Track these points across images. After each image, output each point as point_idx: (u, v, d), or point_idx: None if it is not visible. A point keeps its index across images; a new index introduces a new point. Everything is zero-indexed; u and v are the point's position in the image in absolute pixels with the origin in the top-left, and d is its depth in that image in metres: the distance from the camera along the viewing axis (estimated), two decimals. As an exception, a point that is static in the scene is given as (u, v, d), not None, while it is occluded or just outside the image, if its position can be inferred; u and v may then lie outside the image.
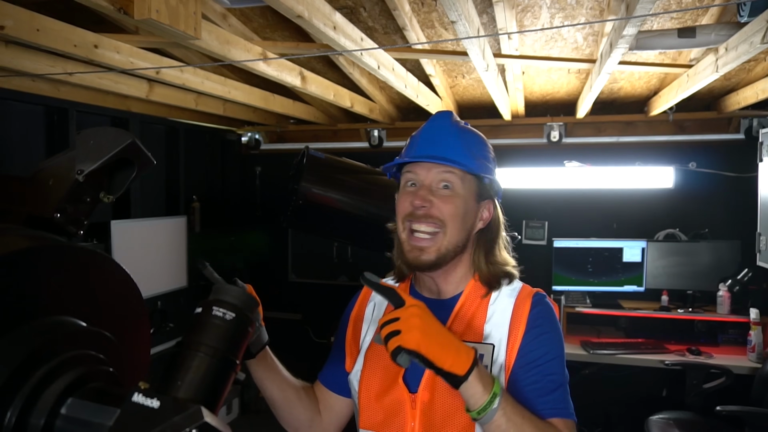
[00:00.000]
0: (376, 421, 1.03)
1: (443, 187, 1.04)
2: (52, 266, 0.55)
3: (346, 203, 2.56)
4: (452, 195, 1.04)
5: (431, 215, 1.02)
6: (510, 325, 1.02)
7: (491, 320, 1.04)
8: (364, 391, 1.06)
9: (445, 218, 1.02)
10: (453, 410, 0.98)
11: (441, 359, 0.85)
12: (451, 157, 1.03)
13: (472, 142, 1.09)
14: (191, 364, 0.51)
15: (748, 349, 2.98)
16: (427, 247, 1.02)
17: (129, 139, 0.66)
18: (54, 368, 0.50)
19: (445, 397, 0.99)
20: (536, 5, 2.40)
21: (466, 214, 1.04)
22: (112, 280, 0.62)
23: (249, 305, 0.55)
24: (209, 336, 0.52)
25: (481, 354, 1.00)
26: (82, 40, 1.89)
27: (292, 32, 2.70)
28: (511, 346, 1.01)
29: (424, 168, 1.04)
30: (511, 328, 1.02)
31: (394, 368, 1.02)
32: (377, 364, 1.06)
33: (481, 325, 1.03)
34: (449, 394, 0.98)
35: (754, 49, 1.80)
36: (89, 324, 0.57)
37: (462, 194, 1.04)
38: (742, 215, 3.26)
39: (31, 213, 0.62)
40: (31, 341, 0.50)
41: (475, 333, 1.03)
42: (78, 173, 0.64)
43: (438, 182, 1.04)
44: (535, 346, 1.00)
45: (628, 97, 3.49)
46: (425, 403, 1.00)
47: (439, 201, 1.02)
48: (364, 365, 1.08)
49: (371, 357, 1.08)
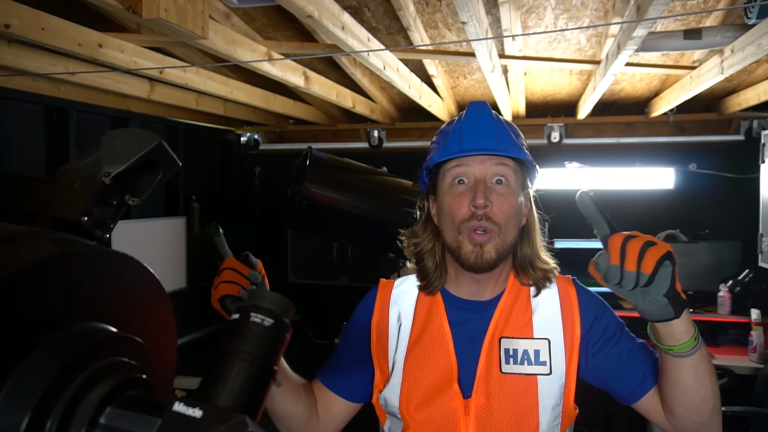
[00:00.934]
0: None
1: (497, 182, 0.98)
2: (84, 271, 0.54)
3: (349, 204, 2.55)
4: (509, 192, 0.98)
5: (491, 217, 0.96)
6: (562, 317, 1.01)
7: (538, 313, 1.02)
8: (408, 404, 0.99)
9: (502, 220, 0.97)
10: (509, 410, 0.95)
11: None
12: (504, 147, 0.98)
13: (513, 129, 1.04)
14: (231, 372, 0.49)
15: (750, 349, 2.99)
16: (487, 246, 0.96)
17: (156, 141, 0.65)
18: (91, 376, 0.49)
19: (505, 403, 0.96)
20: (541, 6, 2.40)
21: (518, 211, 1.01)
22: (141, 284, 0.61)
23: (287, 310, 0.54)
24: (248, 343, 0.51)
25: (536, 350, 0.98)
26: (87, 39, 1.87)
27: (294, 32, 2.69)
28: (570, 337, 0.99)
29: (477, 161, 0.97)
30: (565, 320, 1.00)
31: (443, 375, 0.99)
32: (420, 374, 1.00)
33: (529, 321, 1.01)
34: (509, 400, 0.96)
35: (762, 51, 1.81)
36: (120, 329, 0.56)
37: (516, 189, 1.00)
38: (742, 216, 3.28)
39: (58, 216, 0.61)
40: (67, 349, 0.48)
41: (522, 329, 1.00)
42: (105, 175, 0.63)
43: (492, 176, 0.98)
44: (605, 322, 1.01)
45: (629, 99, 3.50)
46: (480, 408, 0.96)
47: (497, 200, 0.97)
48: (403, 378, 1.01)
49: (411, 367, 1.02)
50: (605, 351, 1.00)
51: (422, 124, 3.99)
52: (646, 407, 0.98)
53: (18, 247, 0.48)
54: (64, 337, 0.49)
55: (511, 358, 0.98)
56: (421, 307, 1.07)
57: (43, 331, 0.49)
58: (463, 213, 0.97)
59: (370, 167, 2.78)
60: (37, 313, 0.49)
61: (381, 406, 1.06)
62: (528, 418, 0.95)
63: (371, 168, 2.78)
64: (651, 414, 0.97)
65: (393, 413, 1.03)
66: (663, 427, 0.97)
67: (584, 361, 1.00)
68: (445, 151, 1.01)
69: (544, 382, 0.97)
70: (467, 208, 0.97)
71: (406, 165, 3.10)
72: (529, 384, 0.96)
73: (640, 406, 0.99)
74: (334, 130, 4.19)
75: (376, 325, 1.09)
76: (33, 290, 0.48)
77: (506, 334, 1.00)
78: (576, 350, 0.99)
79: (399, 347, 1.04)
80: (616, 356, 0.99)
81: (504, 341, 0.99)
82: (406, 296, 1.10)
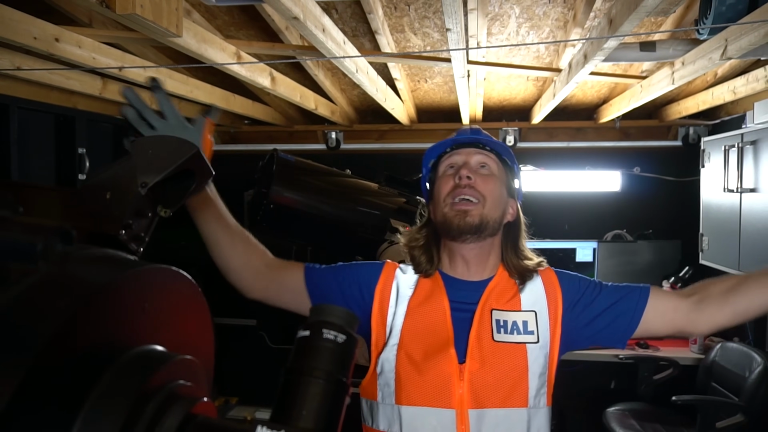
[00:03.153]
0: (420, 395, 1.03)
1: (481, 167, 1.15)
2: (144, 292, 0.51)
3: (316, 207, 2.53)
4: (490, 174, 1.14)
5: (474, 187, 1.11)
6: (546, 293, 1.13)
7: (525, 292, 1.12)
8: (405, 366, 1.05)
9: (485, 193, 1.11)
10: (501, 375, 1.04)
11: None
12: (490, 144, 1.17)
13: (505, 146, 1.23)
14: (310, 391, 0.48)
15: (690, 341, 3.20)
16: (470, 210, 1.09)
17: (194, 150, 0.62)
18: (161, 404, 0.46)
19: (498, 369, 1.04)
20: (505, 14, 2.47)
21: (501, 196, 1.15)
22: (188, 299, 0.58)
23: (354, 324, 0.53)
24: (322, 360, 0.50)
25: (524, 320, 1.08)
26: (43, 32, 1.75)
27: (258, 31, 2.63)
28: (553, 310, 1.11)
29: (464, 153, 1.15)
30: (548, 296, 1.12)
31: (440, 340, 1.06)
32: (419, 337, 1.08)
33: (517, 296, 1.11)
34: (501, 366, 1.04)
35: (713, 65, 1.94)
36: (173, 347, 0.53)
37: (498, 176, 1.16)
38: (682, 217, 3.50)
39: (95, 230, 0.57)
40: (135, 378, 0.46)
41: (511, 304, 1.11)
42: (141, 186, 0.59)
43: (478, 164, 1.15)
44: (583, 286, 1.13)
45: (579, 105, 3.66)
46: (474, 373, 1.03)
47: (480, 179, 1.12)
48: (401, 341, 1.08)
49: (410, 329, 1.09)
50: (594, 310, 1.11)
51: (380, 127, 4.00)
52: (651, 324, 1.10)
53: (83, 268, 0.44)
54: (129, 365, 0.46)
55: (502, 328, 1.08)
56: (423, 284, 1.16)
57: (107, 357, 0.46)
58: (449, 187, 1.13)
59: (336, 170, 2.76)
60: (100, 338, 0.45)
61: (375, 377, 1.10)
62: (519, 383, 1.04)
63: (337, 170, 2.76)
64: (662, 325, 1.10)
65: (387, 381, 1.07)
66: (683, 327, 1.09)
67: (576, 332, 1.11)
68: (438, 147, 1.20)
69: (532, 349, 1.07)
70: (453, 182, 1.13)
71: (365, 167, 3.12)
72: (519, 351, 1.06)
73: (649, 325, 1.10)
74: (290, 131, 4.12)
75: (380, 292, 1.15)
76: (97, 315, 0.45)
77: (496, 306, 1.11)
78: (559, 323, 1.10)
79: (398, 312, 1.12)
80: (606, 305, 1.11)
81: (495, 313, 1.10)
82: (407, 277, 1.19)
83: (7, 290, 0.40)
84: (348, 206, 2.61)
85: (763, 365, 2.52)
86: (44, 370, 0.39)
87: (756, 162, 2.44)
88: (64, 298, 0.41)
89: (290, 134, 4.16)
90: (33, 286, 0.41)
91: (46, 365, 0.40)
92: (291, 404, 0.48)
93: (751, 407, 2.47)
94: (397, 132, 3.98)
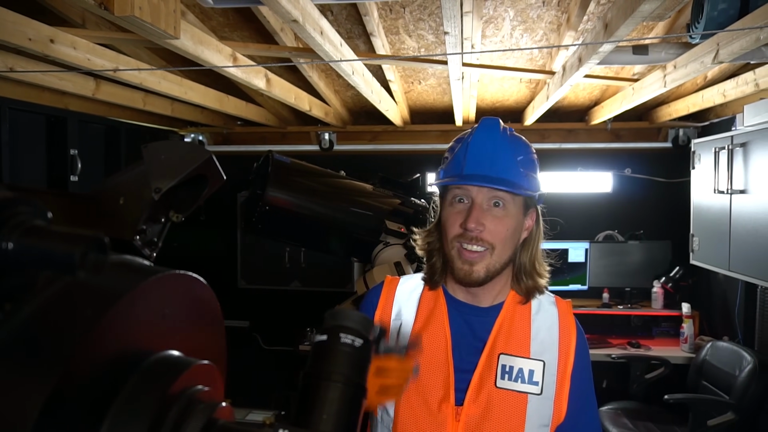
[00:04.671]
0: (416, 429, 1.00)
1: (494, 204, 1.01)
2: (163, 298, 0.51)
3: (312, 209, 2.52)
4: (504, 215, 1.01)
5: (482, 239, 1.00)
6: (559, 343, 1.05)
7: (537, 338, 1.04)
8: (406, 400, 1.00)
9: (495, 241, 1.01)
10: (498, 424, 0.98)
11: None
12: (503, 176, 1.00)
13: (521, 153, 1.07)
14: (329, 395, 0.49)
15: (681, 340, 3.25)
16: (477, 262, 1.00)
17: (207, 155, 0.62)
18: (183, 411, 0.47)
19: (496, 416, 0.98)
20: (499, 17, 2.49)
21: (515, 231, 1.04)
22: (204, 305, 0.59)
23: (370, 329, 0.54)
24: (341, 364, 0.50)
25: (531, 370, 1.01)
26: (38, 33, 1.73)
27: (252, 32, 2.62)
28: (563, 364, 1.03)
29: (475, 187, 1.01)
30: (561, 346, 1.05)
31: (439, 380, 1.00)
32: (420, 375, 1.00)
33: (527, 341, 1.04)
34: (500, 414, 0.98)
35: (705, 68, 1.97)
36: (190, 352, 0.54)
37: (513, 213, 1.03)
38: (672, 217, 3.55)
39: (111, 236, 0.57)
40: (158, 385, 0.46)
41: (520, 348, 1.03)
42: (155, 191, 0.59)
43: (489, 200, 1.01)
44: (583, 402, 1.05)
45: (572, 107, 3.69)
46: (471, 417, 0.98)
47: (491, 223, 1.00)
48: None
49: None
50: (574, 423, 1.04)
51: (373, 128, 4.00)
52: None
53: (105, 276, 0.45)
54: (151, 372, 0.47)
55: (507, 374, 1.01)
56: (425, 305, 1.08)
57: (130, 364, 0.46)
58: (455, 230, 1.02)
59: (330, 171, 2.76)
60: (125, 344, 0.46)
61: None
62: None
63: (332, 172, 2.76)
64: None
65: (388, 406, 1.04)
66: None
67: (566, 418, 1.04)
68: (447, 172, 1.06)
69: (533, 401, 1.00)
70: (459, 227, 1.01)
71: (358, 168, 3.12)
72: (520, 401, 1.00)
73: None
74: (283, 132, 4.11)
75: (378, 322, 1.06)
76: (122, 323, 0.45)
77: (506, 350, 1.03)
78: (568, 377, 1.03)
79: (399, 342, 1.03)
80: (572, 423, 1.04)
81: (503, 357, 1.02)
82: (410, 294, 1.11)
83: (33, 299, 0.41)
84: (343, 208, 2.60)
85: (753, 364, 2.56)
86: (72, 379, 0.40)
87: (745, 164, 2.48)
88: (90, 306, 0.42)
89: (283, 135, 4.15)
90: (59, 295, 0.41)
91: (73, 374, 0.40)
92: (311, 408, 0.48)
93: (741, 405, 2.51)
94: (390, 133, 3.99)
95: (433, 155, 3.94)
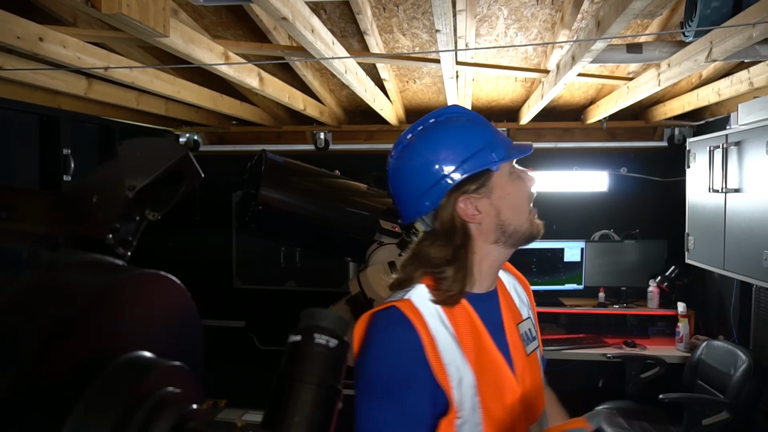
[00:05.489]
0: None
1: None
2: (131, 298, 0.50)
3: (306, 208, 2.51)
4: None
5: None
6: (529, 301, 1.17)
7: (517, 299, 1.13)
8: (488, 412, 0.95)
9: None
10: (540, 393, 1.06)
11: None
12: None
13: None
14: (301, 397, 0.48)
15: (677, 339, 3.24)
16: None
17: (182, 152, 0.61)
18: (149, 413, 0.46)
19: (535, 382, 1.05)
20: (493, 16, 2.48)
21: None
22: (178, 305, 0.58)
23: (346, 329, 0.53)
24: (314, 365, 0.49)
25: (528, 328, 1.09)
26: (27, 31, 1.72)
27: (246, 31, 2.61)
28: (536, 320, 1.16)
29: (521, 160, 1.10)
30: (531, 304, 1.17)
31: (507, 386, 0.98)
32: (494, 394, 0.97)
33: (515, 306, 1.11)
34: (536, 378, 1.06)
35: (698, 67, 1.96)
36: (162, 353, 0.53)
37: None
38: (668, 217, 3.54)
39: (82, 233, 0.56)
40: (123, 386, 0.45)
41: (518, 312, 1.11)
42: (129, 189, 0.58)
43: None
44: None
45: (567, 106, 3.69)
46: (526, 393, 1.02)
47: None
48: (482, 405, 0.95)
49: (484, 378, 0.95)
50: None
51: (368, 127, 3.99)
52: None
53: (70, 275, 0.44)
54: (117, 372, 0.45)
55: (525, 340, 1.08)
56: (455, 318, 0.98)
57: (95, 364, 0.45)
58: (529, 196, 1.08)
59: (325, 170, 2.74)
60: (90, 346, 0.45)
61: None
62: (542, 391, 1.07)
63: (326, 171, 2.74)
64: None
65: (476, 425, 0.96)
66: None
67: None
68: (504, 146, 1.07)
69: (538, 352, 1.11)
70: (528, 190, 1.07)
71: (354, 168, 3.10)
72: (536, 359, 1.09)
73: None
74: (279, 131, 4.10)
75: (431, 352, 0.92)
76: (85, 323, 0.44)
77: (517, 319, 1.09)
78: (537, 320, 1.16)
79: (463, 370, 0.94)
80: None
81: (519, 326, 1.08)
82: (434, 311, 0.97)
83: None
84: (337, 207, 2.59)
85: (748, 363, 2.56)
86: (31, 380, 0.39)
87: (740, 162, 2.48)
88: (52, 305, 0.41)
89: (279, 135, 4.14)
90: (19, 294, 0.40)
91: (33, 375, 0.39)
92: (283, 410, 0.47)
93: (735, 404, 2.50)
94: (385, 132, 3.98)
95: (428, 154, 3.93)
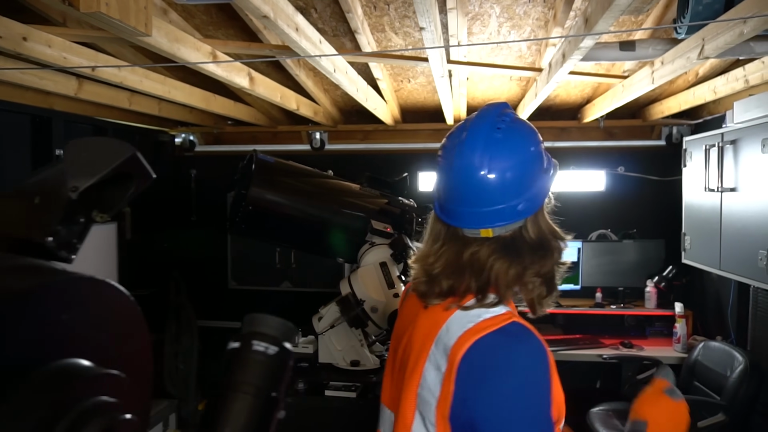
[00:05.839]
0: None
1: None
2: (61, 303, 0.48)
3: (297, 208, 2.49)
4: None
5: None
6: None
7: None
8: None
9: None
10: None
11: None
12: None
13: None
14: (234, 407, 0.46)
15: (674, 340, 3.21)
16: None
17: (130, 152, 0.59)
18: (74, 422, 0.44)
19: None
20: (485, 14, 2.46)
21: None
22: (119, 312, 0.56)
23: (290, 335, 0.51)
24: (251, 374, 0.47)
25: None
26: (10, 31, 1.71)
27: (237, 30, 2.59)
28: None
29: None
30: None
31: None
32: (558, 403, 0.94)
33: None
34: None
35: (691, 64, 1.94)
36: (99, 361, 0.51)
37: None
38: (665, 216, 3.51)
39: (19, 236, 0.54)
40: (46, 394, 0.43)
41: None
42: (72, 190, 0.56)
43: None
44: None
45: (563, 105, 3.66)
46: None
47: None
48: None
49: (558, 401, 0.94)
50: None
51: (364, 127, 3.97)
52: None
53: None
54: (42, 380, 0.43)
55: None
56: None
57: (19, 372, 0.43)
58: None
59: (316, 170, 2.72)
60: (11, 352, 0.43)
61: None
62: None
63: (318, 171, 2.72)
64: None
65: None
66: None
67: None
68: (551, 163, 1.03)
69: None
70: None
71: (349, 168, 3.09)
72: None
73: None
74: (274, 131, 4.09)
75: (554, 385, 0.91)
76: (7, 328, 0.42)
77: None
78: None
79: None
80: None
81: None
82: None
83: None
84: (329, 208, 2.57)
85: (744, 364, 2.53)
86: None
87: (735, 161, 2.45)
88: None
89: (274, 135, 4.12)
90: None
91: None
92: (215, 421, 0.45)
93: (732, 406, 2.47)
94: (381, 132, 3.96)
95: (424, 154, 3.91)
